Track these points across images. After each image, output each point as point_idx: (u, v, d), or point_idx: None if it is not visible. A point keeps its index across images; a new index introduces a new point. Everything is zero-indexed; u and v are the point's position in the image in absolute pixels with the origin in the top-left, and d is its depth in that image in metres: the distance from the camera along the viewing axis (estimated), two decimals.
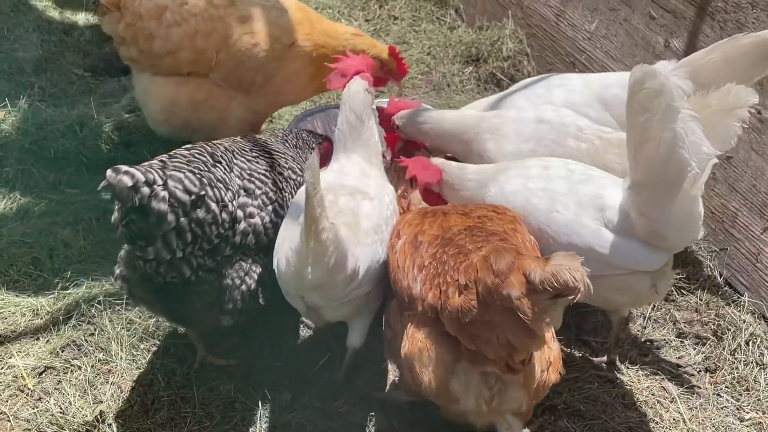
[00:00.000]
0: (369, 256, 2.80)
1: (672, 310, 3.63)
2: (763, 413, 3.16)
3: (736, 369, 3.33)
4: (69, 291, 3.55)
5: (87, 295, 3.51)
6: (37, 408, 3.06)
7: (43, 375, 3.20)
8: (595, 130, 3.33)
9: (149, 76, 4.06)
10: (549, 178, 3.02)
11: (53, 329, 3.37)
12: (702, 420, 3.13)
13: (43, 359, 3.24)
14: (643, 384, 3.28)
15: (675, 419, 3.14)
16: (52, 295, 3.53)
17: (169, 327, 3.39)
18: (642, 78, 2.58)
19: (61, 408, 3.05)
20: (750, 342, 3.41)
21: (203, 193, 2.74)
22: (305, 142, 3.64)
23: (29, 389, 3.13)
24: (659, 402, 3.20)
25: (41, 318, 3.43)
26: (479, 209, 2.91)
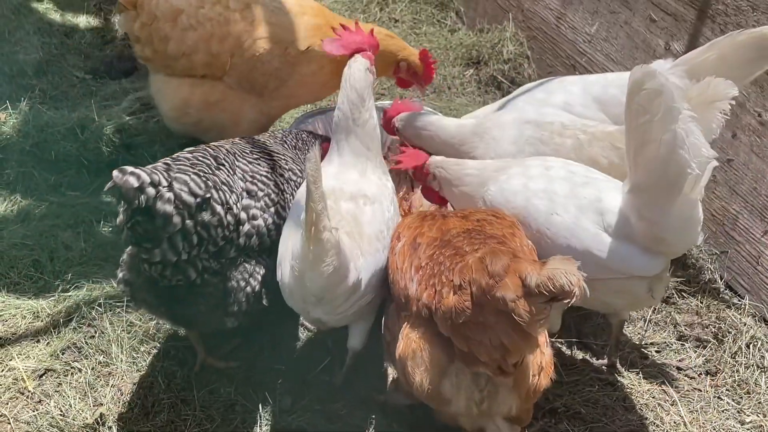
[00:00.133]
0: (372, 265, 2.80)
1: (673, 312, 3.63)
2: (764, 416, 3.15)
3: (736, 372, 3.33)
4: (69, 293, 3.55)
5: (87, 298, 3.51)
6: (38, 410, 3.05)
7: (44, 377, 3.20)
8: (579, 125, 3.33)
9: (163, 76, 4.07)
10: (550, 179, 3.01)
11: (54, 332, 3.37)
12: (703, 423, 3.13)
13: (44, 362, 3.24)
14: (644, 387, 3.27)
15: (676, 422, 3.13)
16: (52, 298, 3.53)
17: (170, 329, 3.39)
18: (641, 78, 2.57)
19: (62, 410, 3.05)
20: (751, 345, 3.40)
21: (209, 196, 2.75)
22: (305, 143, 3.64)
23: (29, 392, 3.13)
24: (660, 405, 3.20)
25: (42, 320, 3.43)
26: (478, 213, 2.91)
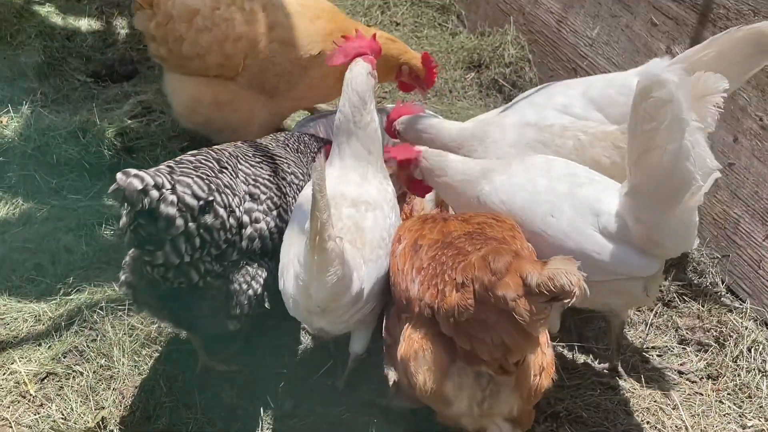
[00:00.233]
0: (374, 273, 2.81)
1: (674, 316, 3.63)
2: (766, 420, 3.15)
3: (738, 376, 3.32)
4: (71, 297, 3.55)
5: (89, 301, 3.52)
6: (39, 414, 3.06)
7: (45, 381, 3.20)
8: (579, 126, 3.34)
9: (177, 74, 4.11)
10: (549, 179, 3.01)
11: (55, 335, 3.37)
12: (704, 427, 3.12)
13: (45, 365, 3.24)
14: (645, 391, 3.27)
15: (677, 426, 3.13)
16: (54, 301, 3.53)
17: (171, 333, 3.39)
18: (650, 86, 2.56)
19: (63, 414, 3.05)
20: (752, 349, 3.40)
21: (212, 199, 2.76)
22: (306, 145, 3.64)
23: (31, 395, 3.13)
24: (661, 409, 3.20)
25: (43, 324, 3.43)
26: (479, 216, 2.92)
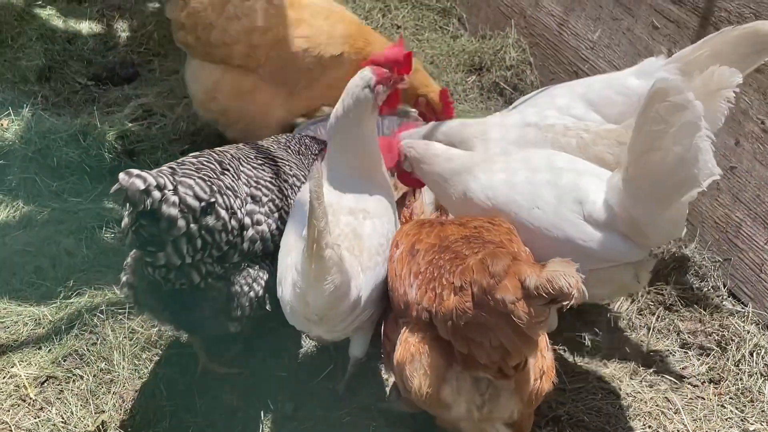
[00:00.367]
0: (372, 280, 2.81)
1: (676, 320, 3.62)
2: None
3: (740, 380, 3.31)
4: (71, 300, 3.55)
5: (89, 305, 3.51)
6: (39, 418, 3.05)
7: (45, 384, 3.19)
8: (581, 125, 3.36)
9: (199, 61, 4.17)
10: (530, 170, 3.03)
11: (55, 338, 3.36)
12: (706, 431, 3.12)
13: (45, 369, 3.24)
14: (647, 395, 3.26)
15: (679, 430, 3.12)
16: (54, 305, 3.53)
17: (172, 336, 3.39)
18: (666, 90, 2.58)
19: (63, 418, 3.05)
20: (754, 353, 3.39)
21: (213, 200, 2.76)
22: (308, 148, 3.65)
23: (31, 399, 3.12)
24: (663, 413, 3.19)
25: (43, 327, 3.43)
26: (476, 220, 2.92)
